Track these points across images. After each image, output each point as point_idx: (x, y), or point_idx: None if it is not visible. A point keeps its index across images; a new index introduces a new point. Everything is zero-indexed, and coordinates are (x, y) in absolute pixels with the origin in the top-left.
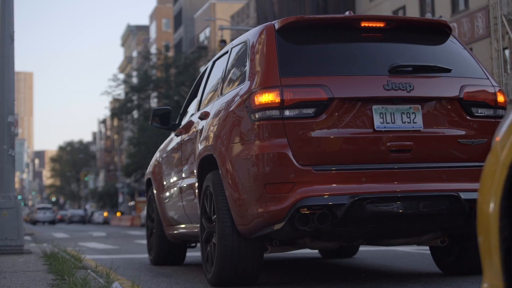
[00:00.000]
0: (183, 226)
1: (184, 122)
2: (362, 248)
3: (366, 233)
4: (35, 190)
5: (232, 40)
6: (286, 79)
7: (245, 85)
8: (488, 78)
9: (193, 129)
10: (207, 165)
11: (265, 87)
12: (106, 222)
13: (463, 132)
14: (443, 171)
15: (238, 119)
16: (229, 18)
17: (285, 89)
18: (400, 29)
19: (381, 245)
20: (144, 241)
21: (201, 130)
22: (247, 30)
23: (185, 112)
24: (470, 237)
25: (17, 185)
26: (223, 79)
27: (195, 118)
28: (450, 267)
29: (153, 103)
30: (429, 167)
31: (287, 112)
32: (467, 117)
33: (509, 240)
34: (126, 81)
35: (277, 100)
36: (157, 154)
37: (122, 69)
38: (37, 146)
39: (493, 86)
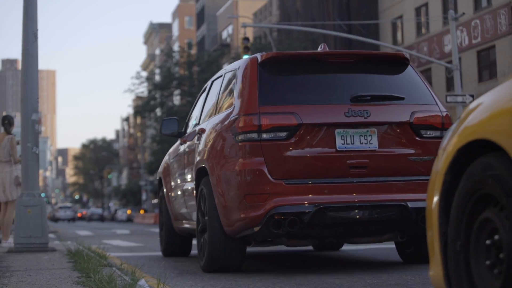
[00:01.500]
0: (186, 222)
1: (188, 131)
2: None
3: (331, 235)
4: (58, 188)
5: (254, 37)
6: (264, 107)
7: (232, 110)
8: (437, 104)
9: (193, 141)
10: (202, 173)
11: (246, 113)
12: (129, 219)
13: (412, 151)
14: (394, 184)
15: (225, 139)
16: (251, 15)
17: (263, 116)
18: (363, 62)
19: (348, 243)
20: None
21: (198, 143)
22: (270, 28)
23: (189, 122)
24: (423, 234)
25: (40, 183)
26: (217, 100)
27: (195, 132)
28: (409, 257)
29: (176, 100)
30: (382, 180)
31: (264, 135)
32: (417, 138)
33: (446, 235)
34: (149, 79)
35: (256, 125)
36: (166, 157)
37: (144, 66)
38: (60, 144)
39: (440, 111)
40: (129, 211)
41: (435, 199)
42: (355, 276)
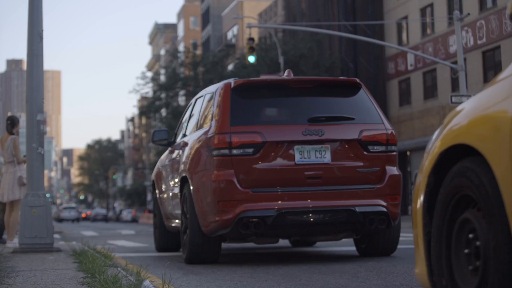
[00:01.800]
0: (175, 221)
1: (176, 141)
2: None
3: (291, 234)
4: (63, 188)
5: (260, 38)
6: (234, 127)
7: (208, 128)
8: (383, 123)
9: (179, 152)
10: (184, 180)
11: (220, 133)
12: (134, 220)
13: (361, 164)
14: (344, 192)
15: (202, 153)
16: (256, 16)
17: (233, 135)
18: (321, 87)
19: (311, 241)
20: None
21: (182, 155)
22: (275, 29)
23: (177, 132)
24: (372, 233)
25: (45, 183)
26: (198, 117)
27: (180, 144)
28: (363, 251)
29: (181, 101)
30: (334, 189)
31: (234, 151)
32: (364, 153)
33: (430, 234)
34: (154, 79)
35: (227, 142)
36: (159, 163)
37: (150, 67)
38: (65, 144)
39: (386, 129)
40: (134, 212)
41: (420, 200)
42: (360, 277)
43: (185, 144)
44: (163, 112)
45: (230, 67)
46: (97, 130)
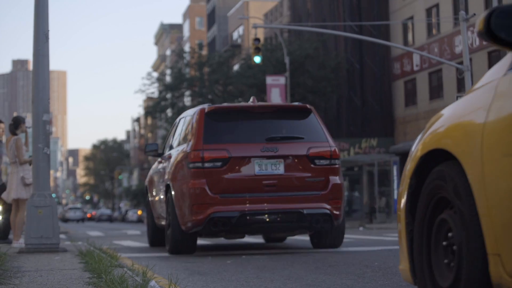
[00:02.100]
0: (163, 220)
1: (165, 153)
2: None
3: (252, 232)
4: (69, 189)
5: (265, 38)
6: (206, 145)
7: (186, 146)
8: (328, 142)
9: (165, 163)
10: (168, 187)
11: (195, 150)
12: (140, 220)
13: (309, 174)
14: (295, 197)
15: (182, 165)
16: (262, 16)
17: (205, 151)
18: (278, 111)
19: (273, 237)
20: None
21: (167, 166)
22: (281, 29)
23: (165, 145)
24: (321, 230)
25: (51, 184)
26: (180, 135)
27: (166, 156)
28: (316, 245)
29: (187, 101)
30: (286, 195)
31: (206, 164)
32: (311, 166)
33: (412, 233)
34: (160, 79)
35: (200, 157)
36: (151, 171)
37: (155, 67)
38: (71, 144)
39: (330, 146)
40: (139, 212)
41: (403, 200)
42: (366, 278)
43: (170, 156)
44: (169, 112)
45: (236, 67)
46: (102, 130)
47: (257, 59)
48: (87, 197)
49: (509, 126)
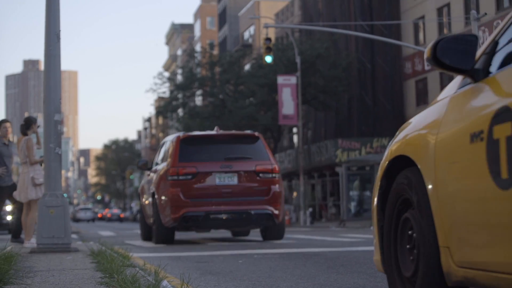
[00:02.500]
0: (151, 219)
1: (152, 168)
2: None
3: (214, 227)
4: (80, 189)
5: (276, 38)
6: (180, 163)
7: (167, 163)
8: (270, 160)
9: (152, 176)
10: (154, 193)
11: (172, 166)
12: None
13: (256, 185)
14: (245, 201)
15: (163, 178)
16: (273, 16)
17: (180, 168)
18: (234, 138)
19: (233, 231)
20: (191, 239)
21: (154, 177)
22: (292, 29)
23: (153, 162)
24: (268, 226)
25: (62, 184)
26: (164, 154)
27: (153, 170)
28: (264, 237)
29: (198, 101)
30: (239, 199)
31: (180, 177)
32: (257, 178)
33: (383, 229)
34: (171, 79)
35: (176, 172)
36: (142, 181)
37: (167, 67)
38: (82, 144)
39: (271, 164)
40: None
41: (375, 199)
42: (378, 277)
43: (155, 170)
44: (180, 112)
45: (247, 67)
46: (114, 130)
47: (268, 58)
48: (98, 197)
49: (455, 139)
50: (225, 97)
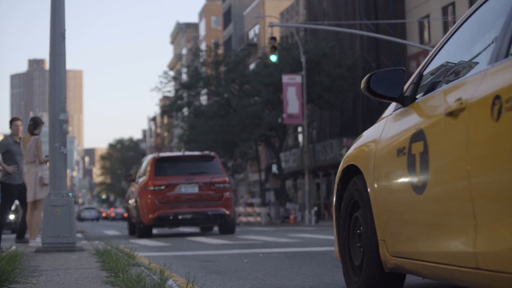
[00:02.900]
0: (134, 219)
1: (136, 180)
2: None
3: (182, 224)
4: (85, 188)
5: (281, 37)
6: (155, 177)
7: (145, 177)
8: (222, 174)
9: (136, 186)
10: (136, 200)
11: (149, 179)
12: None
13: (212, 192)
14: (204, 205)
15: (143, 188)
16: (278, 15)
17: (155, 181)
18: (196, 158)
19: (201, 227)
20: (196, 238)
21: (136, 188)
22: (297, 28)
23: (137, 175)
24: (222, 223)
25: (67, 183)
26: (144, 170)
27: (136, 182)
28: (220, 231)
29: (203, 100)
30: (199, 203)
31: (155, 188)
32: (213, 187)
33: (339, 225)
34: (176, 78)
35: (152, 185)
36: (128, 190)
37: (171, 66)
38: (87, 144)
39: (223, 177)
40: None
41: (334, 200)
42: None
43: (137, 182)
44: (185, 111)
45: (252, 66)
46: (119, 129)
47: (273, 58)
48: (103, 196)
49: (387, 153)
50: (230, 96)
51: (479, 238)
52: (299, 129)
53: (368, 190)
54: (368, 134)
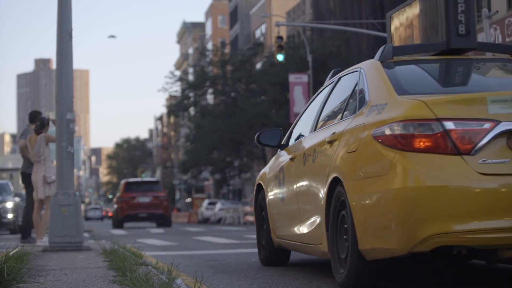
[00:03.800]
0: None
1: (117, 194)
2: None
3: (142, 220)
4: (92, 187)
5: (288, 36)
6: (125, 193)
7: (119, 192)
8: (163, 191)
9: (117, 196)
10: (115, 204)
11: (122, 194)
12: None
13: (157, 202)
14: (153, 209)
15: (118, 198)
16: (285, 14)
17: (125, 194)
18: (149, 182)
19: (156, 222)
20: (203, 238)
21: (117, 197)
22: (303, 27)
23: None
24: (162, 220)
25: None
26: (119, 188)
27: (115, 195)
28: (159, 226)
29: (210, 100)
30: (150, 208)
31: (125, 199)
32: (158, 199)
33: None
34: (182, 78)
35: (123, 196)
36: (114, 200)
37: (178, 66)
38: (94, 143)
39: (164, 193)
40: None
41: (254, 206)
42: (389, 275)
43: (116, 195)
44: (192, 110)
45: (259, 65)
46: (125, 129)
47: (280, 57)
48: (110, 196)
49: (270, 178)
50: (236, 95)
51: (301, 226)
52: None
53: (266, 199)
54: (267, 165)
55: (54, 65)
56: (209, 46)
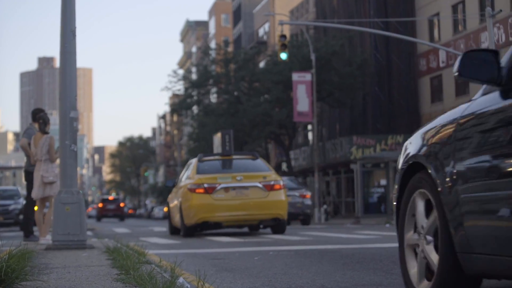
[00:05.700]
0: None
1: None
2: None
3: (109, 217)
4: (95, 186)
5: (291, 35)
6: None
7: (190, 177)
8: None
9: (178, 188)
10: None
11: (192, 178)
12: (166, 217)
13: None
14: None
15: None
16: (288, 13)
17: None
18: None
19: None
20: (206, 236)
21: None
22: (307, 26)
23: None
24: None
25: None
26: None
27: (179, 186)
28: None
29: (213, 98)
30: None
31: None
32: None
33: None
34: (185, 77)
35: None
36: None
37: (181, 64)
38: (97, 141)
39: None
40: (165, 209)
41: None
42: (394, 274)
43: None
44: (195, 109)
45: (262, 64)
46: (128, 127)
47: (283, 55)
48: (113, 194)
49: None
50: (239, 94)
51: None
52: (309, 127)
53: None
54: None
55: (57, 64)
56: (213, 44)
